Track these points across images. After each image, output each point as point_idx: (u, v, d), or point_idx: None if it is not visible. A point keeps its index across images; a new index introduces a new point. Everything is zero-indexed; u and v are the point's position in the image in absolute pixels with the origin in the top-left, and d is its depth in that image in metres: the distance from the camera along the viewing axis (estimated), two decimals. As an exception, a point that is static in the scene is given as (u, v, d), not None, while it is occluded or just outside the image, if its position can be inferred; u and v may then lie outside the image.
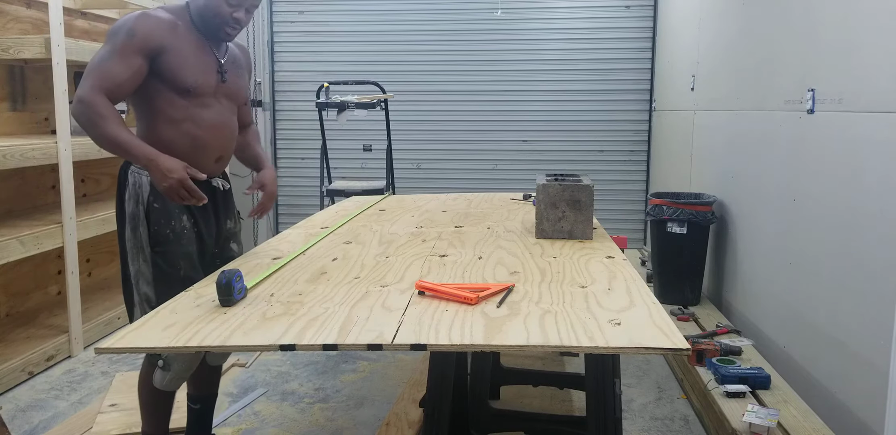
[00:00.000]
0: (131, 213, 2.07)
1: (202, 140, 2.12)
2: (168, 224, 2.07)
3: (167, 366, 2.08)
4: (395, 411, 2.72)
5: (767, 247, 3.09)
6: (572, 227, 2.34)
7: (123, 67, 1.98)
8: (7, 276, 3.73)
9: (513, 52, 5.58)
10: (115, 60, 1.97)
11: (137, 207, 2.06)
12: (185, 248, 2.10)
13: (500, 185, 5.54)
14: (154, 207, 2.06)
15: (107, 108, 1.95)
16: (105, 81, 1.96)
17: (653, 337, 1.38)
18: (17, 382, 3.15)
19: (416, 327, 1.44)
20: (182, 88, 2.06)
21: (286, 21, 5.74)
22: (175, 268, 2.07)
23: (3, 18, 3.65)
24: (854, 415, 2.30)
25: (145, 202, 2.06)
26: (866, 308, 2.24)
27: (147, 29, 2.00)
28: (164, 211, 2.07)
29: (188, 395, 2.39)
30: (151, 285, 2.06)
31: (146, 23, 2.01)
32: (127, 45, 1.97)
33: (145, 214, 2.06)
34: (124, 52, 1.98)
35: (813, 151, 2.66)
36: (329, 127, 4.88)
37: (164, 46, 2.02)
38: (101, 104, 1.94)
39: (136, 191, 2.07)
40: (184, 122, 2.08)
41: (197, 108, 2.10)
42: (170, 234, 2.07)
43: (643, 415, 2.86)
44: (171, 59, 2.03)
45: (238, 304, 1.63)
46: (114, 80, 1.97)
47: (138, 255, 2.07)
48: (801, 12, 2.81)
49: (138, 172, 2.07)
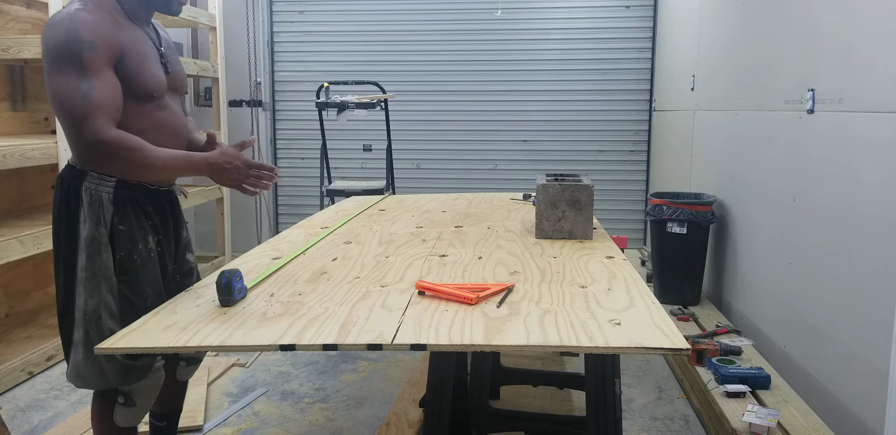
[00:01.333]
0: (89, 236, 1.79)
1: (166, 146, 1.86)
2: (135, 248, 1.84)
3: (130, 401, 1.86)
4: (395, 411, 2.72)
5: (767, 247, 3.08)
6: (572, 227, 2.34)
7: (108, 87, 1.71)
8: (7, 276, 3.74)
9: (513, 52, 5.58)
10: (95, 87, 1.68)
11: (98, 230, 1.79)
12: (152, 272, 1.89)
13: (500, 185, 5.54)
14: (119, 230, 1.82)
15: (131, 140, 1.71)
16: (106, 112, 1.69)
17: (653, 337, 1.38)
18: (17, 382, 3.15)
19: (416, 327, 1.44)
20: (142, 94, 1.82)
21: (286, 21, 5.74)
22: (143, 297, 1.85)
23: (3, 18, 3.65)
24: (854, 415, 2.30)
25: (108, 224, 1.80)
26: (866, 308, 2.24)
27: (101, 34, 1.71)
28: (129, 234, 1.83)
29: (153, 413, 2.21)
30: (118, 319, 1.80)
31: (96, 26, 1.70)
32: (94, 62, 1.68)
33: (109, 239, 1.80)
34: (96, 70, 1.68)
35: (813, 151, 2.66)
36: (329, 127, 4.88)
37: (120, 52, 1.76)
38: (122, 138, 1.70)
39: (94, 211, 1.79)
40: (146, 131, 1.82)
41: (155, 112, 1.87)
42: (137, 259, 1.84)
43: (643, 415, 2.86)
44: (127, 64, 1.77)
45: (238, 304, 1.63)
46: (110, 106, 1.71)
47: (99, 285, 1.79)
48: (801, 12, 2.81)
49: (96, 189, 1.79)
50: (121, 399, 1.86)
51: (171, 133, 1.93)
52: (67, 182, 1.82)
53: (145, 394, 1.89)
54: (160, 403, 2.13)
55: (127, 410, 1.87)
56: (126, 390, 1.86)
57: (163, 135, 1.89)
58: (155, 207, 1.93)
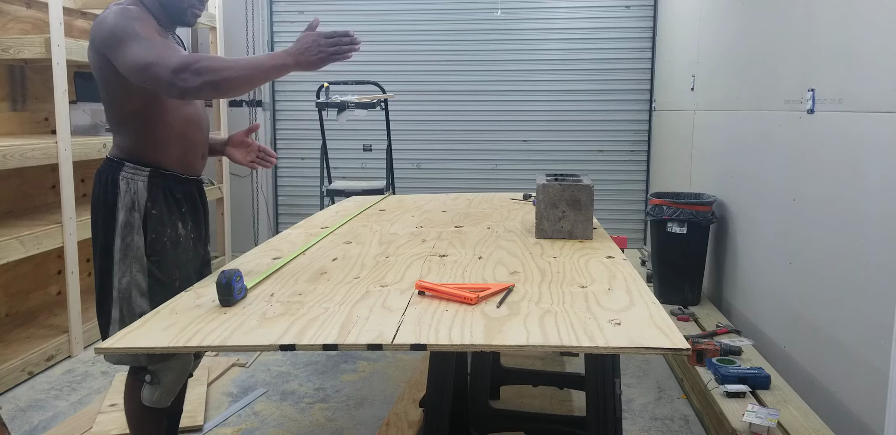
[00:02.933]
0: (124, 221, 1.93)
1: (192, 138, 2.03)
2: (164, 232, 1.97)
3: (155, 379, 1.96)
4: (395, 411, 2.72)
5: (767, 247, 3.09)
6: (572, 227, 2.34)
7: (165, 42, 1.81)
8: (7, 276, 3.74)
9: (513, 52, 5.58)
10: (155, 39, 1.79)
11: (132, 215, 1.94)
12: (181, 257, 2.01)
13: (500, 185, 5.54)
14: (152, 214, 1.96)
15: (213, 58, 1.76)
16: (171, 48, 1.78)
17: (653, 337, 1.38)
18: (17, 382, 3.15)
19: (416, 327, 1.44)
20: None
21: (286, 21, 5.74)
22: (171, 278, 1.97)
23: (3, 18, 3.65)
24: (854, 415, 2.30)
25: (142, 209, 1.94)
26: (866, 308, 2.24)
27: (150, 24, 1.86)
28: (160, 218, 1.97)
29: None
30: (147, 297, 1.94)
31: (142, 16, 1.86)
32: (146, 28, 1.81)
33: (142, 222, 1.94)
34: (150, 33, 1.80)
35: (813, 151, 2.66)
36: (329, 127, 4.88)
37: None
38: (198, 55, 1.77)
39: (131, 198, 1.94)
40: (175, 123, 1.97)
41: (183, 106, 1.99)
42: (167, 242, 1.98)
43: (643, 415, 2.86)
44: None
45: (238, 304, 1.63)
46: (175, 48, 1.79)
47: (131, 265, 1.93)
48: (801, 12, 2.81)
49: (132, 178, 1.95)
50: (148, 378, 1.96)
51: (195, 126, 2.05)
52: (106, 173, 1.97)
53: (171, 373, 1.97)
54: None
55: (153, 389, 1.97)
56: (153, 369, 1.95)
57: (190, 127, 2.02)
58: (186, 195, 2.06)
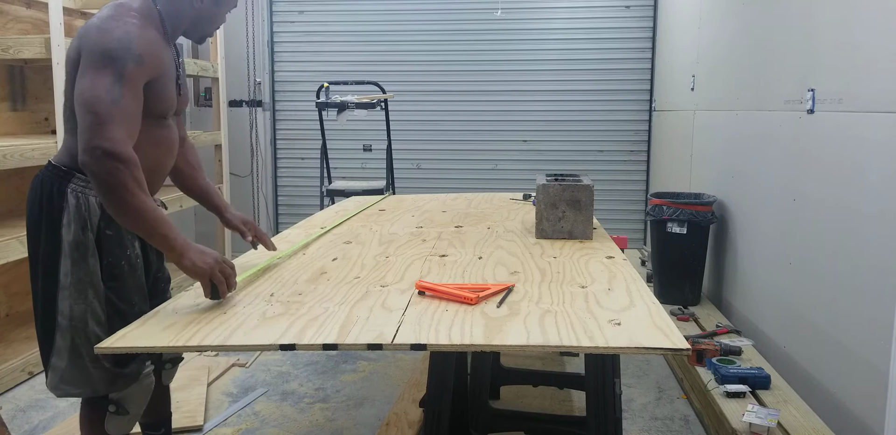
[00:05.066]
0: (74, 241, 1.72)
1: (160, 162, 1.87)
2: (123, 254, 1.79)
3: (122, 409, 1.80)
4: (395, 411, 2.72)
5: (767, 247, 3.08)
6: (572, 227, 2.34)
7: (137, 105, 1.67)
8: (7, 276, 3.74)
9: (513, 52, 5.58)
10: (127, 97, 1.63)
11: (84, 235, 1.73)
12: (139, 280, 1.85)
13: (500, 185, 5.54)
14: (107, 235, 1.76)
15: (138, 172, 1.60)
16: (129, 127, 1.63)
17: (653, 337, 1.38)
18: (17, 382, 3.15)
19: (416, 327, 1.44)
20: (157, 114, 1.80)
21: (286, 21, 5.74)
22: (130, 304, 1.81)
23: (3, 18, 3.65)
24: (854, 415, 2.30)
25: (95, 229, 1.74)
26: (866, 308, 2.24)
27: (152, 52, 1.70)
28: (117, 240, 1.78)
29: (145, 424, 2.15)
30: (105, 326, 1.75)
31: (148, 43, 1.70)
32: (135, 76, 1.66)
33: (96, 244, 1.74)
34: (133, 85, 1.66)
35: (813, 151, 2.66)
36: (329, 127, 4.88)
37: (159, 72, 1.75)
38: (134, 165, 1.60)
39: (81, 215, 1.73)
40: (145, 146, 1.75)
41: (156, 129, 1.82)
42: (125, 265, 1.80)
43: (643, 415, 2.86)
44: (158, 85, 1.75)
45: (238, 304, 1.63)
46: (133, 121, 1.65)
47: (85, 291, 1.74)
48: (801, 12, 2.81)
49: (83, 192, 1.74)
50: (111, 408, 1.81)
51: (167, 149, 1.89)
52: (49, 182, 1.76)
53: (136, 400, 1.84)
54: (150, 412, 2.06)
55: (119, 419, 1.82)
56: (117, 398, 1.81)
57: (160, 150, 1.86)
58: None
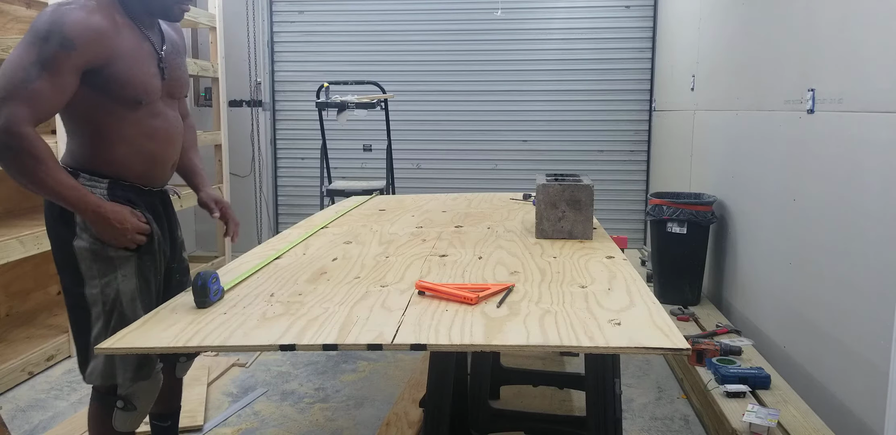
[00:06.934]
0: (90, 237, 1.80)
1: (157, 153, 1.88)
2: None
3: (130, 405, 1.84)
4: (395, 411, 2.72)
5: (767, 247, 3.09)
6: (572, 227, 2.34)
7: (56, 89, 1.62)
8: (7, 276, 3.74)
9: (513, 52, 5.58)
10: (44, 79, 1.59)
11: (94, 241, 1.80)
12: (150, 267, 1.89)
13: (500, 185, 5.54)
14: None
15: (42, 147, 1.62)
16: (35, 108, 1.60)
17: (653, 337, 1.38)
18: (17, 382, 3.15)
19: (416, 327, 1.44)
20: (131, 101, 1.77)
21: (286, 21, 5.74)
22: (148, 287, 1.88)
23: (3, 18, 3.65)
24: (854, 415, 2.30)
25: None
26: (866, 308, 2.24)
27: (86, 39, 1.63)
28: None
29: (155, 414, 2.19)
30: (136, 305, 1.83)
31: (84, 29, 1.63)
32: (61, 61, 1.60)
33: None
34: (57, 70, 1.60)
35: (813, 151, 2.66)
36: (329, 127, 4.87)
37: (108, 58, 1.69)
38: (35, 142, 1.60)
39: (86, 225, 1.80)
40: (136, 137, 1.80)
41: (147, 118, 1.82)
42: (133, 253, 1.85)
43: (643, 415, 2.86)
44: (116, 70, 1.71)
45: (238, 304, 1.63)
46: (44, 105, 1.61)
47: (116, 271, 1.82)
48: (801, 12, 2.81)
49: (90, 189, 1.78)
50: (119, 403, 1.84)
51: (164, 140, 1.90)
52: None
53: (145, 397, 1.87)
54: (161, 403, 2.11)
55: (126, 415, 1.85)
56: (125, 394, 1.84)
57: (155, 141, 1.86)
58: (148, 207, 1.92)
